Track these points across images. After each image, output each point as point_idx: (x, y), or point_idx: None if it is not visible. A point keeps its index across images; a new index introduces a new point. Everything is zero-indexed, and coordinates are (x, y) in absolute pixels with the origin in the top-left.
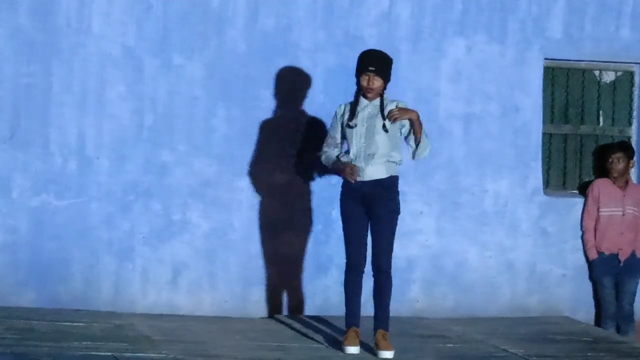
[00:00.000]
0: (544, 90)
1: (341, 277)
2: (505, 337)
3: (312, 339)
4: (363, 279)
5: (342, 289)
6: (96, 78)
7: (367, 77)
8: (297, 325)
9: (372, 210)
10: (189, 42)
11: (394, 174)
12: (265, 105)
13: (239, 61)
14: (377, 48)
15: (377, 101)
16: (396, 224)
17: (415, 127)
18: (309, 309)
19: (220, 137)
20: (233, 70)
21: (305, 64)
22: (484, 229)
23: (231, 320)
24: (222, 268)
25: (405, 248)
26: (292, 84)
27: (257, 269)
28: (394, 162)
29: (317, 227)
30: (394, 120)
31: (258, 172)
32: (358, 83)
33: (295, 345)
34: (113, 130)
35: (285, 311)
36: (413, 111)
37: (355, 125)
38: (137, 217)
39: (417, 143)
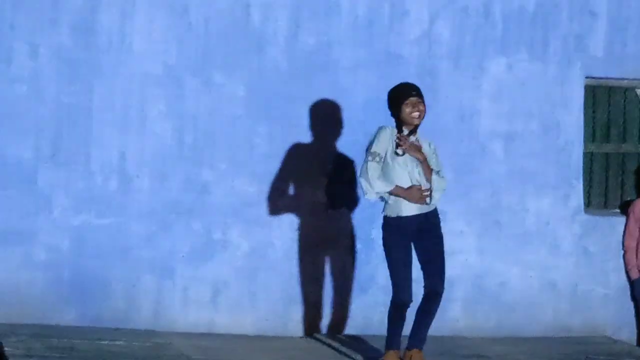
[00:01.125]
0: (585, 109)
1: (381, 297)
2: (547, 357)
3: (352, 358)
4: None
5: (384, 309)
6: (137, 96)
7: (412, 103)
8: (336, 345)
9: (426, 236)
10: (229, 61)
11: (437, 205)
12: (306, 124)
13: (279, 79)
14: (419, 66)
15: (414, 137)
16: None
17: (424, 168)
18: (349, 328)
19: (261, 156)
20: (274, 89)
21: (345, 83)
22: (525, 248)
23: (271, 339)
24: (263, 287)
25: (447, 267)
26: (332, 102)
27: (297, 287)
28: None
29: (357, 246)
30: (404, 148)
31: (299, 190)
32: (399, 114)
33: None
34: (154, 149)
35: (325, 330)
36: (422, 154)
37: (403, 154)
38: (178, 235)
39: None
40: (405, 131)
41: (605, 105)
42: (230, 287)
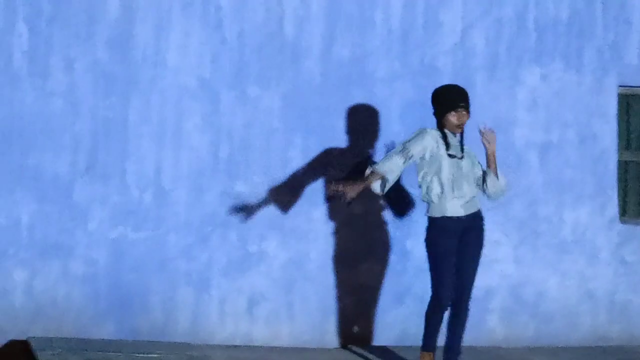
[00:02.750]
0: (619, 118)
1: (418, 308)
2: None
3: None
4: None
5: (420, 320)
6: (173, 110)
7: (458, 115)
8: (371, 356)
9: (467, 241)
10: (264, 74)
11: (479, 207)
12: (342, 136)
13: (315, 92)
14: (453, 77)
15: (458, 137)
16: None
17: (491, 160)
18: (385, 340)
19: (297, 168)
20: (309, 101)
21: (381, 94)
22: (563, 257)
23: (307, 351)
24: (300, 299)
25: (483, 278)
26: (368, 114)
27: (333, 299)
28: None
29: (392, 257)
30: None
31: (334, 202)
32: (443, 118)
33: None
34: (190, 162)
35: (361, 342)
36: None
37: (462, 157)
38: (215, 248)
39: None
40: (449, 134)
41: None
42: (267, 298)
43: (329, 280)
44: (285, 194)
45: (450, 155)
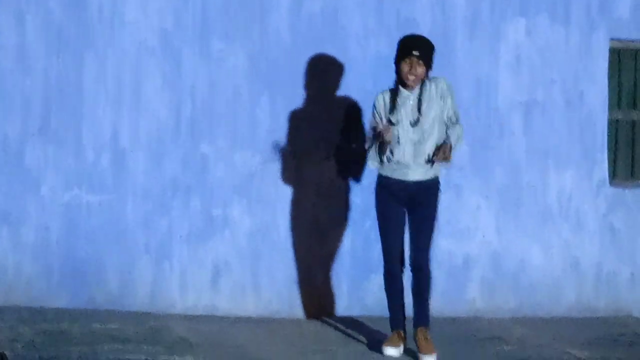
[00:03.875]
0: (610, 75)
1: None
2: (570, 339)
3: (359, 341)
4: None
5: None
6: (131, 69)
7: (409, 63)
8: (343, 327)
9: (417, 208)
10: (229, 29)
11: (438, 174)
12: (312, 96)
13: (283, 49)
14: (431, 33)
15: (417, 91)
16: (436, 219)
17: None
18: (358, 310)
19: (264, 130)
20: (277, 59)
21: (354, 51)
22: (546, 225)
23: (275, 323)
24: (266, 268)
25: (463, 246)
26: (340, 72)
27: (303, 268)
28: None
29: (365, 224)
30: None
31: (304, 166)
32: (398, 70)
33: (341, 349)
34: (149, 124)
35: (331, 313)
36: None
37: (398, 123)
38: (176, 215)
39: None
40: (403, 91)
41: (632, 70)
42: (232, 268)
43: (297, 248)
44: (252, 158)
45: (390, 122)
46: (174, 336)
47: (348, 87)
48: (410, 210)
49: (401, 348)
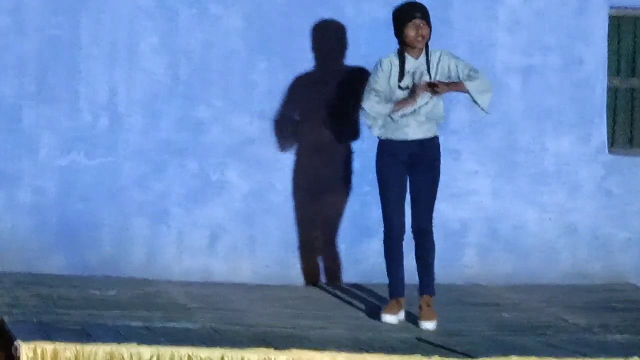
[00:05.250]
0: (609, 41)
1: None
2: (565, 305)
3: (356, 307)
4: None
5: None
6: (127, 29)
7: (414, 26)
8: (340, 293)
9: (419, 169)
10: None
11: (436, 133)
12: (308, 58)
13: (279, 11)
14: None
15: (422, 58)
16: (438, 184)
17: (460, 88)
18: (354, 276)
19: (260, 93)
20: (273, 21)
21: (349, 14)
22: (543, 189)
23: (271, 288)
24: (262, 232)
25: (459, 210)
26: (335, 35)
27: (300, 233)
28: (439, 121)
29: (363, 188)
30: (436, 93)
31: (301, 129)
32: (402, 36)
33: (337, 314)
34: (145, 85)
35: (329, 278)
36: (456, 84)
37: (407, 88)
38: (172, 177)
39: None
40: (409, 58)
41: (631, 36)
42: (228, 231)
43: (294, 212)
44: (248, 120)
45: (400, 87)
46: (171, 301)
47: (343, 50)
48: (412, 172)
49: (400, 315)
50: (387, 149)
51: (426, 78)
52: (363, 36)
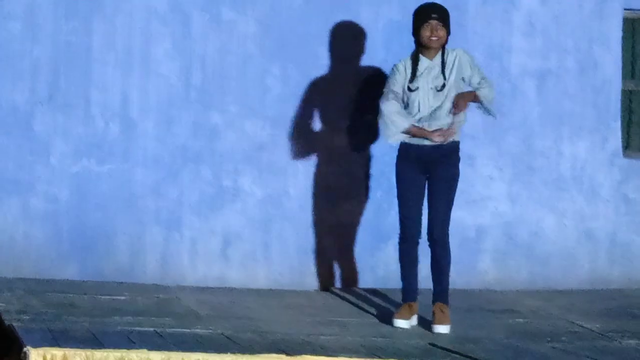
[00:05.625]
0: (624, 44)
1: None
2: (583, 311)
3: (371, 313)
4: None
5: None
6: (141, 35)
7: (429, 27)
8: (355, 299)
9: (436, 174)
10: None
11: (456, 139)
12: (324, 64)
13: (295, 16)
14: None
15: (438, 59)
16: (455, 191)
17: (472, 99)
18: (370, 281)
19: (275, 98)
20: (289, 26)
21: (366, 19)
22: (560, 195)
23: (286, 294)
24: (277, 239)
25: (475, 216)
26: (352, 40)
27: (313, 239)
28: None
29: (378, 194)
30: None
31: (316, 135)
32: (418, 37)
33: (353, 320)
34: (159, 91)
35: (343, 284)
36: (469, 97)
37: (417, 89)
38: (186, 184)
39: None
40: (423, 59)
41: None
42: (243, 238)
43: (309, 218)
44: (263, 126)
45: (410, 89)
46: (183, 308)
47: (359, 55)
48: (430, 178)
49: (412, 320)
50: (406, 153)
51: (440, 79)
52: (380, 40)
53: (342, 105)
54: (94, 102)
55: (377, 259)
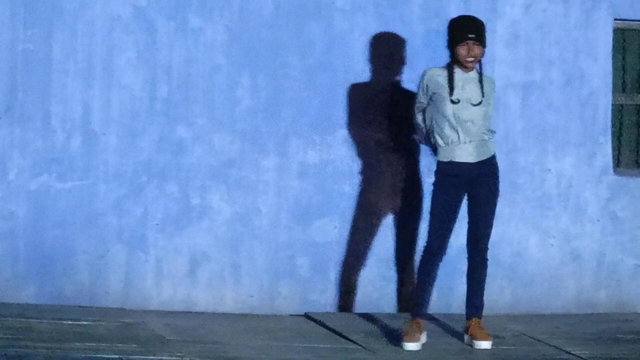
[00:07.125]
0: (613, 55)
1: (382, 271)
2: (569, 336)
3: (348, 339)
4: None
5: (385, 284)
6: (103, 43)
7: (466, 47)
8: (331, 324)
9: (477, 191)
10: (208, 2)
11: (492, 151)
12: (295, 74)
13: (265, 23)
14: (423, 7)
15: (474, 73)
16: (496, 204)
17: None
18: (345, 306)
19: (244, 110)
20: (258, 34)
21: (340, 27)
22: (545, 213)
23: (257, 318)
24: (247, 259)
25: (456, 235)
26: (326, 49)
27: (286, 260)
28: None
29: (355, 212)
30: None
31: (287, 149)
32: (454, 53)
33: (328, 347)
34: (122, 103)
35: (318, 308)
36: None
37: (459, 101)
38: (151, 201)
39: None
40: (458, 71)
41: (637, 50)
42: (211, 259)
43: (281, 238)
44: (231, 140)
45: (452, 102)
46: (149, 332)
47: (332, 65)
48: (474, 193)
49: (422, 339)
50: (444, 170)
51: (478, 90)
52: (356, 50)
53: (315, 118)
54: (54, 114)
55: (353, 281)
